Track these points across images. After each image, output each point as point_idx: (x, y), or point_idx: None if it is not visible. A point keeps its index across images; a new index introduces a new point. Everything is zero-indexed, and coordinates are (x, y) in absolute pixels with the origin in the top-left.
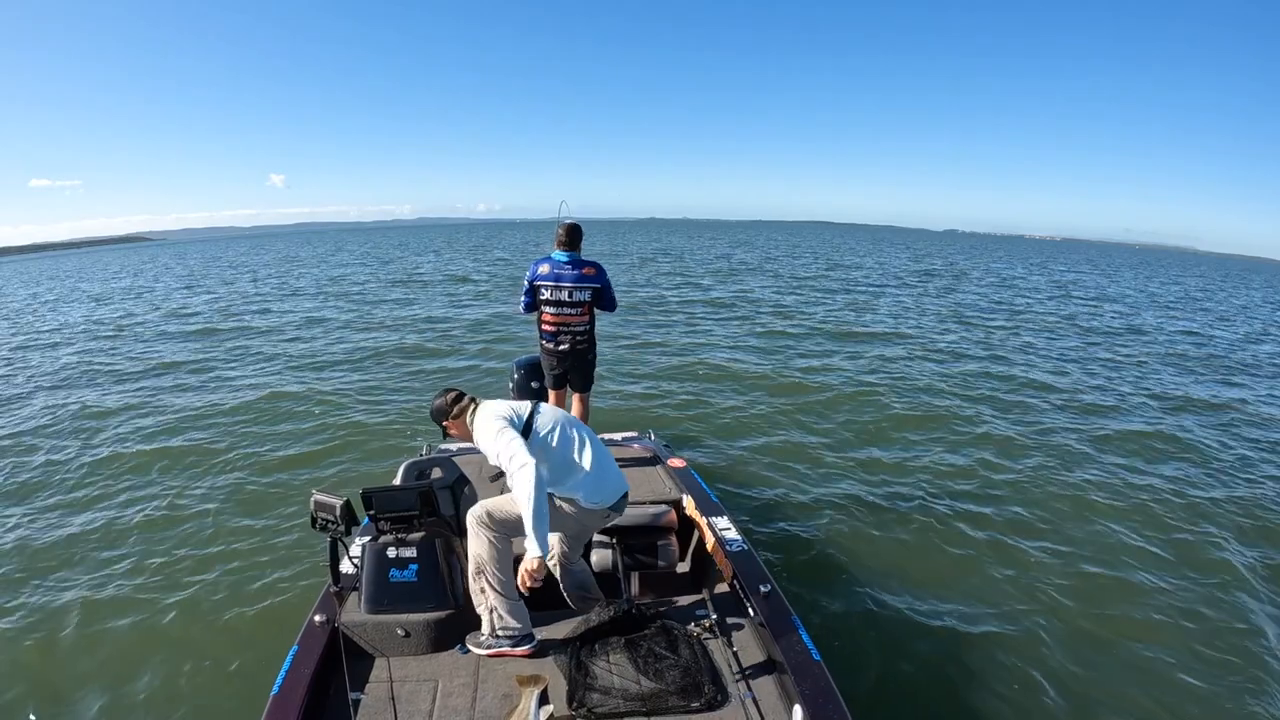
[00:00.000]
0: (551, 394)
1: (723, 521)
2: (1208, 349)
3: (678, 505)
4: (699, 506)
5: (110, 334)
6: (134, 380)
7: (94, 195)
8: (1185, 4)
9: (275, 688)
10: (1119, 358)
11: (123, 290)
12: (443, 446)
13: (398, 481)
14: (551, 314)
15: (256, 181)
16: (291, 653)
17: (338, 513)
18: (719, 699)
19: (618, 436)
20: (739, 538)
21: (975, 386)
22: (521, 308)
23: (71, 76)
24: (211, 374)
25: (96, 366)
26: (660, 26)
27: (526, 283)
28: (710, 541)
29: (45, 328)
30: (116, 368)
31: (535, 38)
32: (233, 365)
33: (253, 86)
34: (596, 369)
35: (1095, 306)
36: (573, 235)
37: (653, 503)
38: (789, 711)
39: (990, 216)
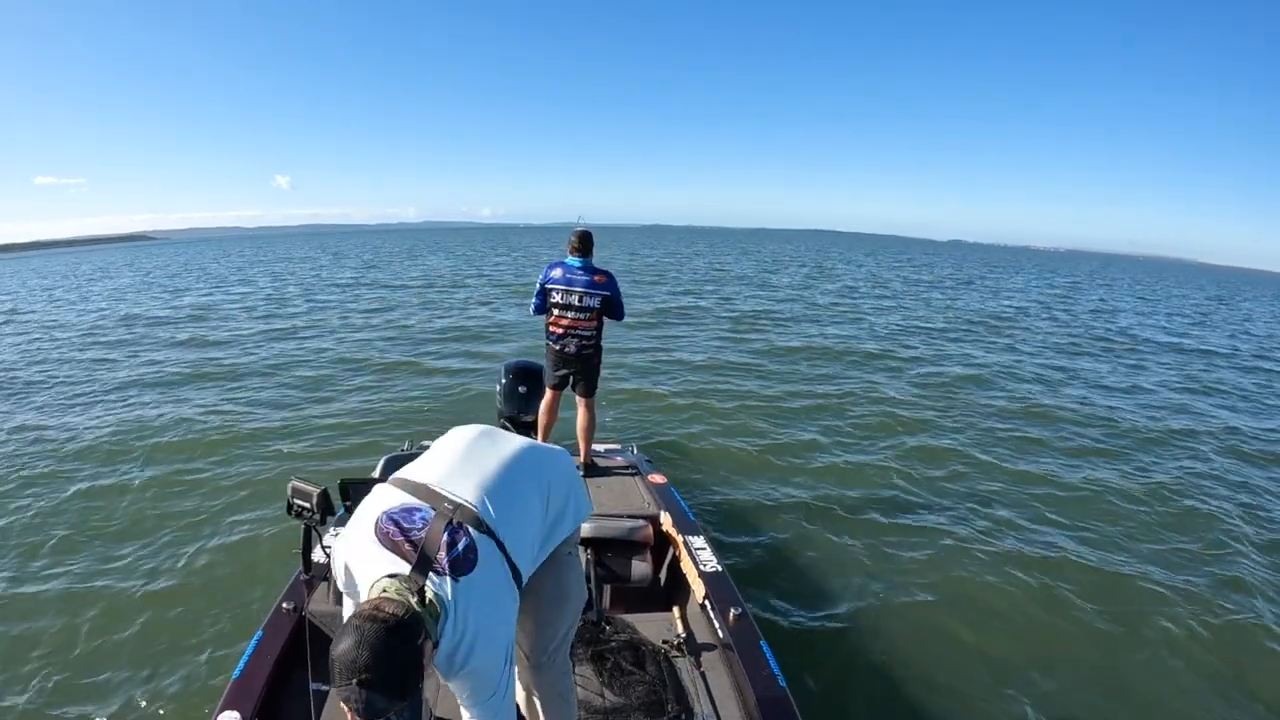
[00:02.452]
0: (549, 393)
1: (699, 541)
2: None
3: (655, 521)
4: (676, 524)
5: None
6: (129, 368)
7: (98, 193)
8: (1190, 13)
9: (237, 671)
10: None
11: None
12: (424, 443)
13: (377, 474)
14: (559, 316)
15: (261, 182)
16: (255, 638)
17: (314, 501)
18: (682, 718)
19: (600, 448)
20: (714, 558)
21: (965, 412)
22: (532, 309)
23: (76, 73)
24: (209, 360)
25: (110, 357)
26: (668, 31)
27: (538, 285)
28: (685, 560)
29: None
30: (116, 358)
31: (542, 40)
32: (231, 353)
33: (258, 86)
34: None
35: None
36: (584, 242)
37: (630, 516)
38: None
39: (996, 227)
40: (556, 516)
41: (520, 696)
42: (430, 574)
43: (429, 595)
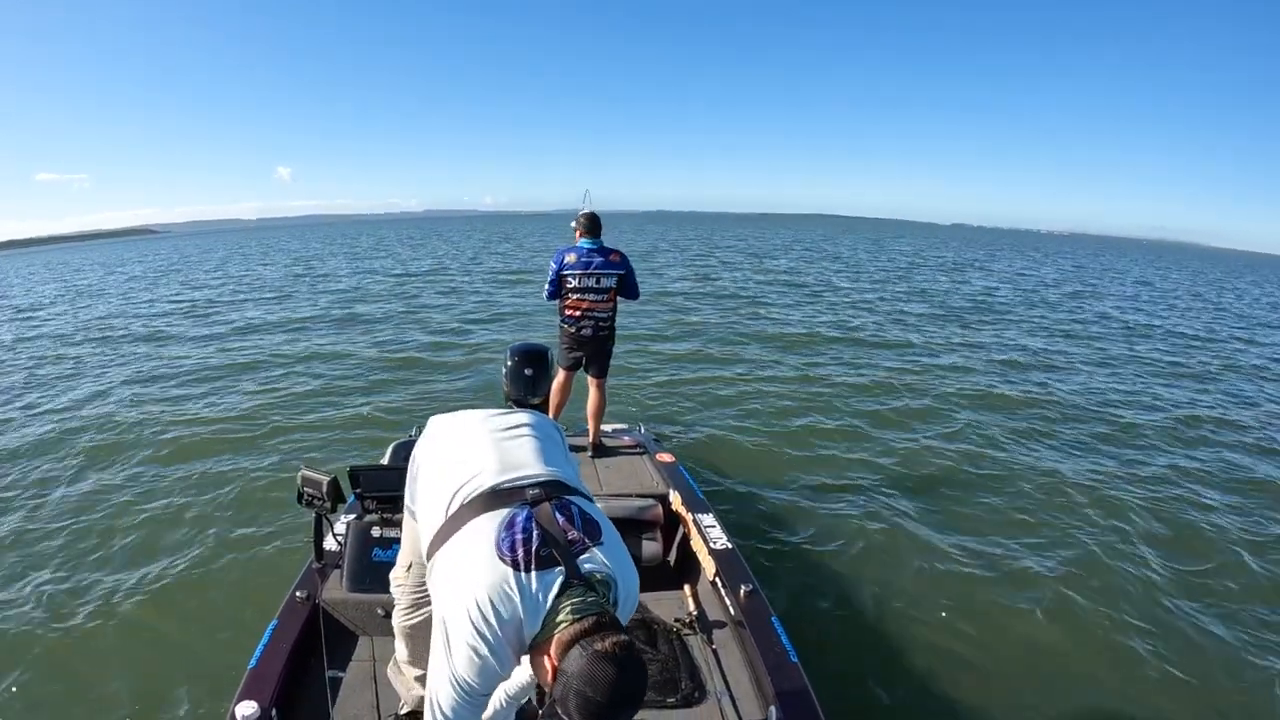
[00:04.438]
0: (561, 374)
1: (708, 518)
2: None
3: (664, 500)
4: (685, 502)
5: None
6: (138, 347)
7: (101, 189)
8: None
9: (253, 661)
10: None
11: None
12: None
13: (385, 461)
14: (578, 300)
15: (263, 174)
16: (271, 627)
17: (324, 489)
18: (695, 696)
19: (608, 428)
20: (723, 535)
21: (974, 390)
22: (546, 295)
23: (76, 70)
24: (216, 346)
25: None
26: (668, 20)
27: (552, 272)
28: (695, 538)
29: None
30: (123, 334)
31: (542, 30)
32: (235, 339)
33: (259, 79)
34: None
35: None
36: (594, 223)
37: (639, 496)
38: (764, 711)
39: (1000, 211)
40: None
41: None
42: (578, 558)
43: (598, 578)
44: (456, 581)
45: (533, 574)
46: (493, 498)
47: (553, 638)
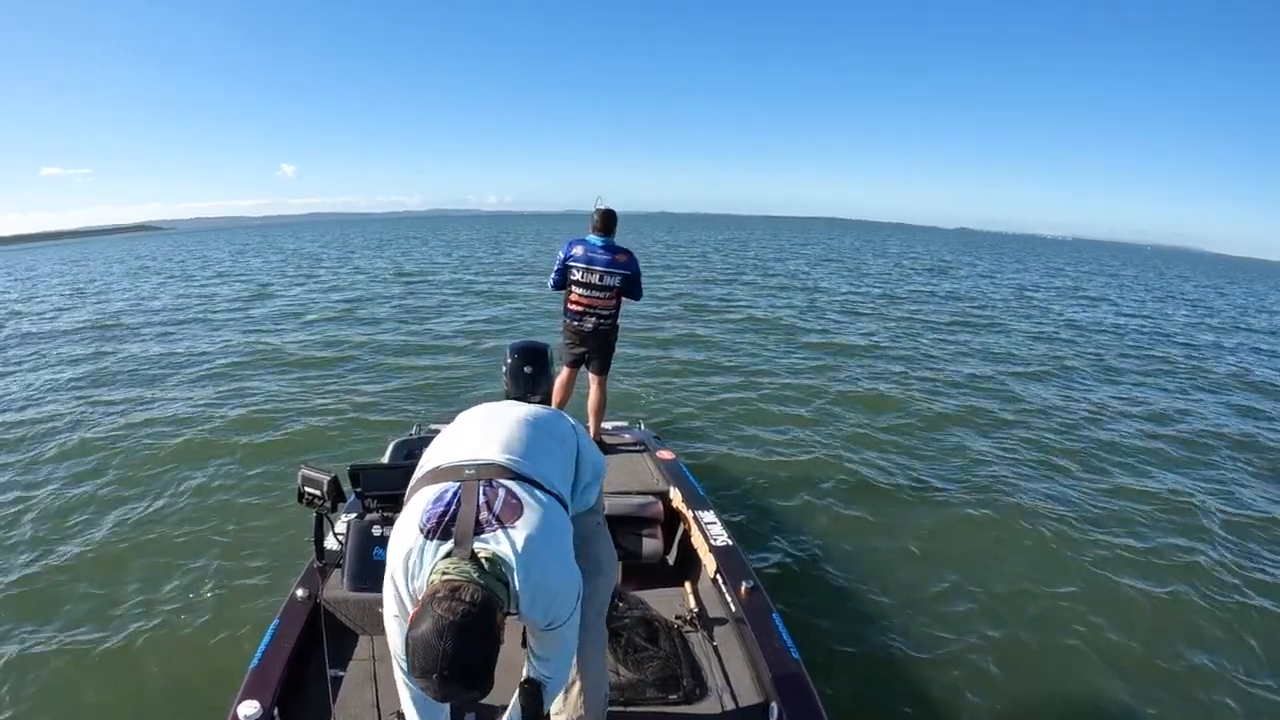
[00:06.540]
0: (564, 371)
1: (709, 515)
2: None
3: (664, 497)
4: (686, 499)
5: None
6: (142, 344)
7: (104, 184)
8: (1194, 6)
9: (254, 661)
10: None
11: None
12: (432, 427)
13: (386, 460)
14: (580, 295)
15: (267, 171)
16: (272, 627)
17: (324, 488)
18: (697, 692)
19: (608, 425)
20: (724, 533)
21: (975, 390)
22: (550, 284)
23: (79, 64)
24: (220, 346)
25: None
26: (672, 18)
27: (559, 261)
28: (695, 535)
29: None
30: (127, 338)
31: (546, 27)
32: (237, 339)
33: (264, 76)
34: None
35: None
36: (607, 221)
37: (639, 493)
38: (765, 707)
39: (1003, 215)
40: (578, 463)
41: None
42: (480, 536)
43: (485, 555)
44: (390, 550)
45: (433, 541)
46: (436, 475)
47: None
